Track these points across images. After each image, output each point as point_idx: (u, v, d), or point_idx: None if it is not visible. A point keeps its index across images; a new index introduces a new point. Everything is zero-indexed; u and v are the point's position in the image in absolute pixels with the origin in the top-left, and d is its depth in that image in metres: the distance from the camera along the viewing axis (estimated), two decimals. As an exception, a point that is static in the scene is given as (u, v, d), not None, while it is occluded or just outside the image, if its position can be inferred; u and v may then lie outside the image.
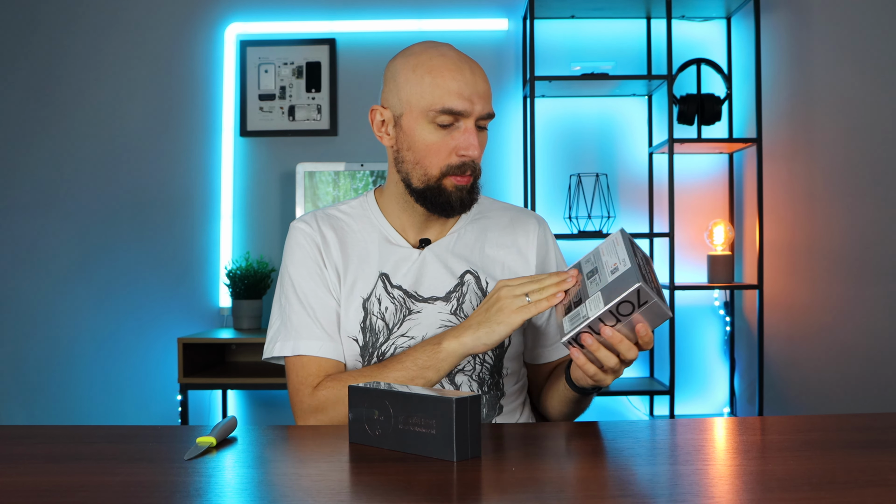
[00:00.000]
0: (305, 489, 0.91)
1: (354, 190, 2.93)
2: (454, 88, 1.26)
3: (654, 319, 1.08)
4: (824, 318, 2.65)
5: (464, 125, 1.27)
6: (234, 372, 2.83)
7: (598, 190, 3.02)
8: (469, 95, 1.26)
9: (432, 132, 1.28)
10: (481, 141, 1.30)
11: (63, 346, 3.18)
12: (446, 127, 1.27)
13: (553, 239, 1.47)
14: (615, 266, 1.10)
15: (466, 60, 1.30)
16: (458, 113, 1.26)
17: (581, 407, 1.33)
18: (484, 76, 1.30)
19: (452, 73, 1.26)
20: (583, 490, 0.89)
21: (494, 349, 1.34)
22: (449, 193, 1.29)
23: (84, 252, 3.19)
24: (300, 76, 3.18)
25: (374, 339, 1.33)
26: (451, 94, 1.25)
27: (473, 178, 1.31)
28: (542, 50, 3.09)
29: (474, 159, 1.28)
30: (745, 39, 3.04)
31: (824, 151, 2.68)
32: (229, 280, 2.95)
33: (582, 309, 1.09)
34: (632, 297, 1.04)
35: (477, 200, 1.34)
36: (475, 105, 1.26)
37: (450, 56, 1.29)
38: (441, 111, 1.26)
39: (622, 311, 1.05)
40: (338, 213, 1.41)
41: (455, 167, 1.28)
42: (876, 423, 1.19)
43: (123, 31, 3.20)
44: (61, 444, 1.11)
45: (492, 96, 1.32)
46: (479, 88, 1.27)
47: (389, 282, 1.34)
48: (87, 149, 3.20)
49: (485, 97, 1.28)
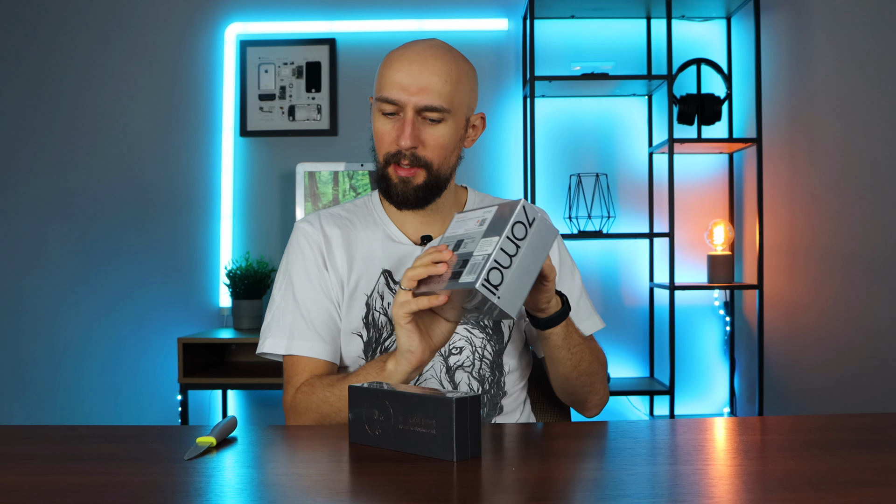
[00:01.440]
0: (305, 489, 0.91)
1: (353, 189, 2.93)
2: (395, 79, 1.28)
3: (545, 241, 1.09)
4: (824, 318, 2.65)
5: (402, 115, 1.30)
6: (233, 372, 2.83)
7: (598, 190, 3.02)
8: (407, 86, 1.28)
9: (379, 119, 1.32)
10: (430, 134, 1.30)
11: (63, 346, 3.18)
12: (390, 116, 1.31)
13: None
14: (480, 220, 1.12)
15: (427, 55, 1.29)
16: (392, 102, 1.29)
17: (562, 353, 1.27)
18: (441, 70, 1.28)
19: (399, 65, 1.29)
20: (583, 490, 0.89)
21: (493, 344, 1.35)
22: (392, 183, 1.33)
23: (84, 252, 3.19)
24: (300, 76, 3.18)
25: (378, 334, 1.34)
26: (391, 84, 1.29)
27: (425, 173, 1.31)
28: (542, 50, 3.09)
29: (408, 149, 1.29)
30: (745, 39, 3.04)
31: (824, 151, 2.68)
32: (229, 280, 2.95)
33: (477, 257, 1.07)
34: (521, 217, 1.07)
35: (432, 200, 1.35)
36: (412, 96, 1.28)
37: (412, 49, 1.31)
38: (380, 99, 1.30)
39: (517, 235, 1.06)
40: (342, 213, 1.43)
41: (392, 155, 1.31)
42: (876, 423, 1.19)
43: (124, 32, 3.20)
44: (61, 444, 1.11)
45: (457, 94, 1.30)
46: (423, 81, 1.27)
47: (392, 278, 1.36)
48: (88, 149, 3.20)
49: (428, 90, 1.27)
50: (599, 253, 3.16)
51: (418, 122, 1.29)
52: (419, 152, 1.30)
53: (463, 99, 1.33)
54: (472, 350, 1.34)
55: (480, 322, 1.35)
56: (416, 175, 1.31)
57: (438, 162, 1.32)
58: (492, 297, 1.04)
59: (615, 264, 3.18)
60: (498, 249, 1.05)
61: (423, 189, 1.33)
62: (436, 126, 1.30)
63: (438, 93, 1.28)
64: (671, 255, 2.80)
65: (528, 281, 1.08)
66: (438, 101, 1.28)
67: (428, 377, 1.33)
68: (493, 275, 1.04)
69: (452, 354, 1.34)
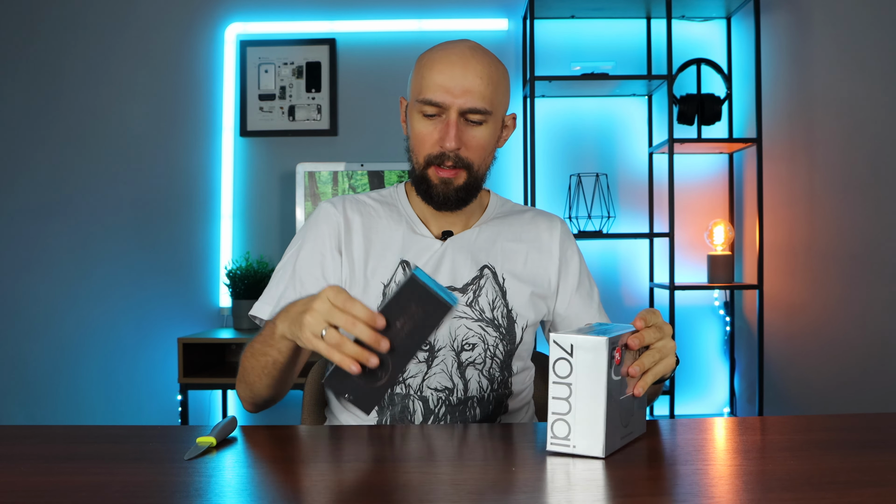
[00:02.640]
0: (305, 489, 0.91)
1: (352, 189, 2.93)
2: (438, 81, 1.30)
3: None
4: (824, 318, 2.65)
5: (446, 117, 1.31)
6: (234, 372, 2.82)
7: (598, 190, 3.02)
8: (451, 88, 1.29)
9: (420, 121, 1.33)
10: (472, 136, 1.32)
11: (64, 347, 3.18)
12: (432, 117, 1.32)
13: (574, 240, 1.50)
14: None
15: (468, 56, 1.31)
16: (436, 104, 1.30)
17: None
18: (483, 73, 1.31)
19: (441, 67, 1.30)
20: (583, 490, 0.89)
21: (505, 344, 1.37)
22: (432, 185, 1.34)
23: (84, 252, 3.19)
24: (300, 76, 3.17)
25: None
26: (434, 86, 1.30)
27: (466, 174, 1.33)
28: (542, 50, 3.09)
29: (452, 151, 1.31)
30: (745, 39, 3.04)
31: (824, 151, 2.68)
32: (229, 280, 2.95)
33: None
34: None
35: (470, 201, 1.37)
36: (456, 98, 1.29)
37: (451, 51, 1.32)
38: (423, 101, 1.31)
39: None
40: (367, 200, 1.45)
41: (434, 156, 1.32)
42: (876, 423, 1.19)
43: (124, 32, 3.20)
44: (61, 444, 1.11)
45: (496, 96, 1.33)
46: (466, 83, 1.29)
47: (409, 268, 1.37)
48: (88, 149, 3.20)
49: (472, 93, 1.29)
50: (599, 253, 3.16)
51: (461, 124, 1.31)
52: (462, 153, 1.32)
53: (501, 100, 1.35)
54: (483, 348, 1.36)
55: (494, 322, 1.37)
56: (458, 176, 1.33)
57: (478, 163, 1.35)
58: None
59: (615, 264, 3.18)
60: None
61: (464, 190, 1.35)
62: (477, 128, 1.32)
63: (481, 95, 1.30)
64: (671, 255, 2.80)
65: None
66: (482, 104, 1.30)
67: (438, 371, 1.33)
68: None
69: (465, 350, 1.35)
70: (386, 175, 2.93)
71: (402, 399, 1.33)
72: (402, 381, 1.33)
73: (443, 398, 1.33)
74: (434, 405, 1.33)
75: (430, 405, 1.33)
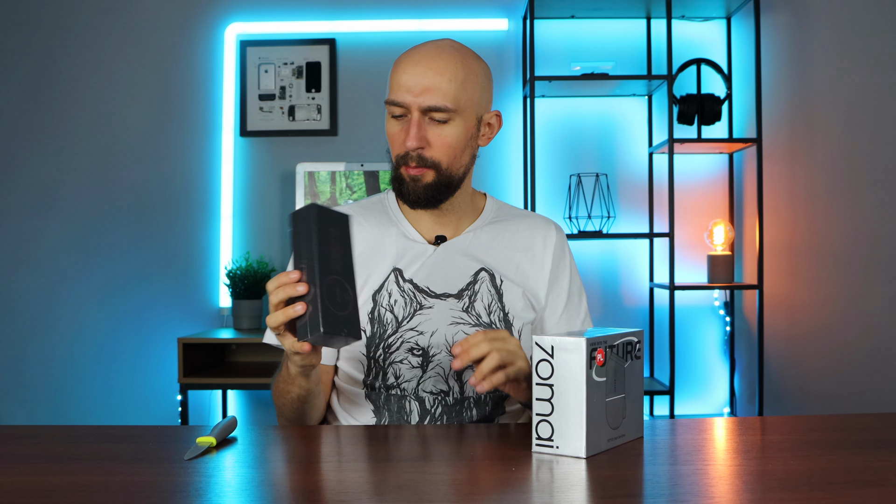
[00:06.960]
0: (305, 489, 0.91)
1: (349, 188, 2.93)
2: (402, 81, 1.30)
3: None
4: (824, 318, 2.65)
5: (409, 117, 1.31)
6: (233, 372, 2.83)
7: (598, 190, 3.02)
8: (412, 87, 1.29)
9: (389, 122, 1.34)
10: (437, 135, 1.31)
11: (63, 346, 3.18)
12: (399, 118, 1.33)
13: (569, 249, 1.48)
14: None
15: (432, 55, 1.30)
16: (398, 104, 1.30)
17: None
18: (446, 70, 1.29)
19: (405, 67, 1.31)
20: (583, 490, 0.89)
21: None
22: (404, 182, 1.34)
23: (84, 252, 3.19)
24: (300, 76, 3.18)
25: (382, 330, 1.34)
26: (397, 86, 1.31)
27: (433, 173, 1.32)
28: (542, 50, 3.09)
29: (413, 150, 1.30)
30: (745, 39, 3.04)
31: (824, 151, 2.68)
32: (229, 280, 2.95)
33: None
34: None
35: (444, 199, 1.36)
36: (417, 97, 1.29)
37: (418, 51, 1.32)
38: (388, 102, 1.32)
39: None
40: (357, 209, 1.45)
41: (401, 157, 1.33)
42: (876, 423, 1.19)
43: (124, 32, 3.20)
44: (61, 444, 1.11)
45: (463, 93, 1.30)
46: (426, 81, 1.28)
47: (402, 276, 1.37)
48: (87, 149, 3.20)
49: (432, 90, 1.28)
50: (599, 253, 3.16)
51: (424, 123, 1.31)
52: (426, 153, 1.31)
53: (471, 97, 1.33)
54: None
55: (492, 326, 1.36)
56: (425, 175, 1.33)
57: (447, 162, 1.33)
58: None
59: (615, 264, 3.18)
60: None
61: (433, 188, 1.34)
62: (442, 126, 1.31)
63: (443, 93, 1.29)
64: (671, 255, 2.80)
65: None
66: (443, 101, 1.29)
67: (433, 374, 1.33)
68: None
69: None
70: (386, 175, 2.93)
71: (398, 400, 1.33)
72: (398, 384, 1.33)
73: (439, 399, 1.33)
74: (430, 406, 1.33)
75: (426, 406, 1.33)
